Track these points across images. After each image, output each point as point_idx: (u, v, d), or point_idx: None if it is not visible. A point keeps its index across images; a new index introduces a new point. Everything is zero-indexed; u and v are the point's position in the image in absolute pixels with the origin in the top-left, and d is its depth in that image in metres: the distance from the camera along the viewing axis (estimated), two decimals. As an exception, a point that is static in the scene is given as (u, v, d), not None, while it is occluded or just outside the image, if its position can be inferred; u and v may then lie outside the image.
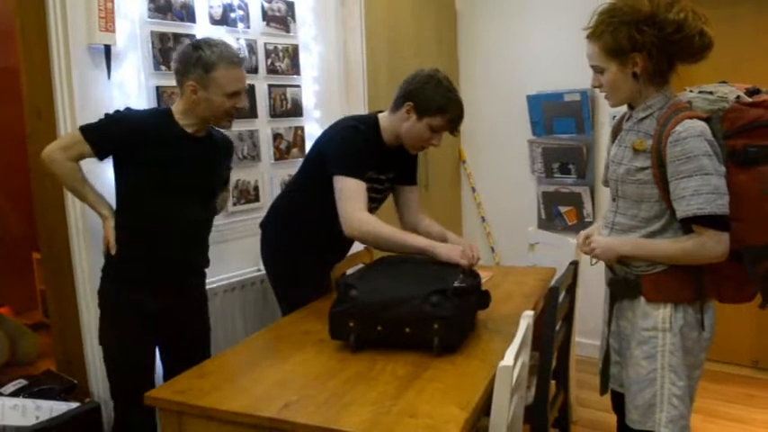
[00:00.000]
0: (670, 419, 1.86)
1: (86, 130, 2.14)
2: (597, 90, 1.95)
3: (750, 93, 1.83)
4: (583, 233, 2.08)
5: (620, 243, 1.93)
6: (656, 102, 1.86)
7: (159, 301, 2.22)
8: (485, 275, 2.73)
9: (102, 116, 2.19)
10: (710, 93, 1.85)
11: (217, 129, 2.34)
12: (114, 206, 2.23)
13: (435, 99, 2.33)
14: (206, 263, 2.43)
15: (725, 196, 1.73)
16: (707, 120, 1.77)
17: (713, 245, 1.76)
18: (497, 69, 4.28)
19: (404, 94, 2.39)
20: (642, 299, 1.91)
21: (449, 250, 2.21)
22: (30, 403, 2.31)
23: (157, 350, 2.35)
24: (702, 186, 1.72)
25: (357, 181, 2.29)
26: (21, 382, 2.48)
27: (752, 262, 1.80)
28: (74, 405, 2.34)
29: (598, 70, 1.90)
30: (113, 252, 2.17)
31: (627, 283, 1.95)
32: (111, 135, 2.14)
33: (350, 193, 2.28)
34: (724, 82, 1.90)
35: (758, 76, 2.89)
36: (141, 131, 2.15)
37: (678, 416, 1.86)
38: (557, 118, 4.01)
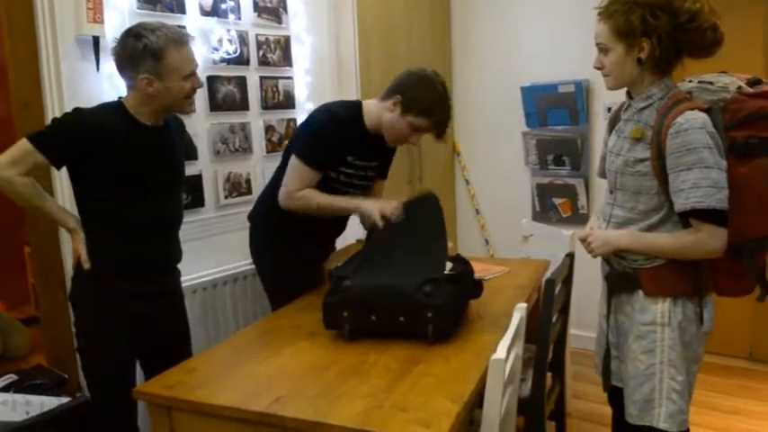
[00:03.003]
0: (669, 414, 1.84)
1: (37, 139, 1.93)
2: (599, 71, 1.90)
3: (751, 83, 1.79)
4: (581, 234, 2.04)
5: (618, 236, 1.90)
6: (657, 91, 1.82)
7: (143, 304, 2.12)
8: (498, 270, 2.72)
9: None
10: (710, 83, 1.82)
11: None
12: (78, 215, 2.09)
13: (423, 100, 2.32)
14: (180, 258, 2.32)
15: (724, 190, 1.70)
16: (707, 111, 1.74)
17: (711, 240, 1.74)
18: (491, 61, 4.25)
19: (395, 86, 2.39)
20: (640, 293, 1.89)
21: (371, 208, 2.28)
22: (20, 398, 2.28)
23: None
24: (702, 180, 1.69)
25: (311, 170, 2.36)
26: (11, 378, 2.46)
27: (751, 255, 1.79)
28: (64, 400, 2.32)
29: (603, 50, 1.86)
30: (87, 267, 2.02)
31: (625, 277, 1.93)
32: (66, 140, 1.96)
33: (300, 176, 2.36)
34: (724, 72, 1.87)
35: (750, 66, 2.88)
36: (99, 131, 1.97)
37: (677, 411, 1.84)
38: (551, 109, 3.99)
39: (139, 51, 1.96)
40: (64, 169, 2.06)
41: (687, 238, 1.78)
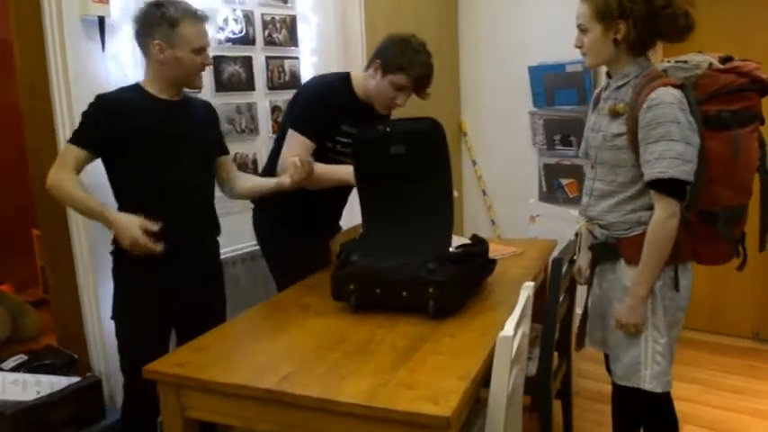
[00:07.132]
0: (654, 375, 1.93)
1: (73, 138, 2.09)
2: (578, 50, 2.01)
3: (723, 60, 1.88)
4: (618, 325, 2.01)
5: (634, 291, 1.90)
6: (633, 70, 1.92)
7: (176, 276, 2.19)
8: (510, 251, 2.72)
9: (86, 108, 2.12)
10: (685, 62, 1.91)
11: (193, 95, 2.33)
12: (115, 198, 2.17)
13: (399, 58, 2.40)
14: (217, 230, 2.39)
15: (690, 163, 1.77)
16: (681, 87, 1.81)
17: (664, 217, 1.81)
18: (498, 40, 4.22)
19: (375, 52, 2.49)
20: (622, 261, 1.97)
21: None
22: (30, 378, 2.31)
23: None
24: (667, 151, 1.76)
25: (306, 139, 2.40)
26: (21, 358, 2.48)
27: (726, 222, 1.87)
28: (74, 380, 2.34)
29: (583, 30, 1.96)
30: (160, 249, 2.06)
31: (606, 246, 2.02)
32: (94, 127, 2.08)
33: (296, 147, 2.39)
34: (700, 51, 1.95)
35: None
36: (118, 109, 2.10)
37: (661, 372, 1.93)
38: (558, 89, 3.97)
39: (157, 18, 2.10)
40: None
41: (651, 230, 1.85)
